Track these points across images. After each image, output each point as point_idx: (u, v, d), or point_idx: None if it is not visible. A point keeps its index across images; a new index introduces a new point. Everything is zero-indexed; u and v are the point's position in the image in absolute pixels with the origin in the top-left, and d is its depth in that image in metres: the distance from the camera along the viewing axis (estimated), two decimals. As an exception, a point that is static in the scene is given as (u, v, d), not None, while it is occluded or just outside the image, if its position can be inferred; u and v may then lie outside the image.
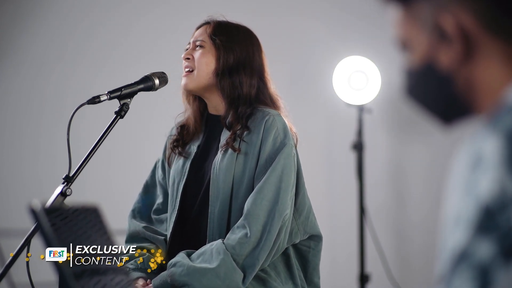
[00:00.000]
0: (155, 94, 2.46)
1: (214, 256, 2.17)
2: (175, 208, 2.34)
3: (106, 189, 4.18)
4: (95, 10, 4.35)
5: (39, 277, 2.02)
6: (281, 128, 2.26)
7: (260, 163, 2.24)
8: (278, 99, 2.38)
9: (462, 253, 0.90)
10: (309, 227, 2.33)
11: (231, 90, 2.30)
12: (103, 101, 2.14)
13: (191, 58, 2.34)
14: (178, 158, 2.39)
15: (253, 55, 2.34)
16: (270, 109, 2.30)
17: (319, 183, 4.14)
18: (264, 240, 2.19)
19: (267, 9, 4.21)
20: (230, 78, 2.30)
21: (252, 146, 2.25)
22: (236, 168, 2.25)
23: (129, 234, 2.41)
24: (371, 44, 4.07)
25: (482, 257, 0.89)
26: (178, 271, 2.17)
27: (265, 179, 2.21)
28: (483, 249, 0.89)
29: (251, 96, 2.30)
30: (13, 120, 4.36)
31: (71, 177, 2.07)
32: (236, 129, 2.27)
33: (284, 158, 2.23)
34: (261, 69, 2.35)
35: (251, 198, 2.21)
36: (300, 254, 2.35)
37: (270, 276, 2.26)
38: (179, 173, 2.36)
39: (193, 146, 2.38)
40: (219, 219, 2.25)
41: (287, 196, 2.22)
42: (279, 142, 2.24)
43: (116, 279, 1.27)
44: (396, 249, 4.10)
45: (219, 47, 2.32)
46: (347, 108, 3.98)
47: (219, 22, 2.38)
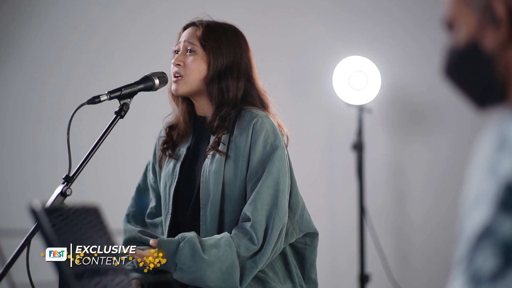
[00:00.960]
0: (155, 94, 2.46)
1: (222, 248, 2.17)
2: (168, 212, 2.34)
3: (106, 189, 4.18)
4: (95, 10, 4.35)
5: (39, 277, 2.02)
6: (271, 130, 2.26)
7: (252, 165, 2.23)
8: (266, 96, 2.36)
9: (485, 230, 0.90)
10: (304, 226, 2.33)
11: (218, 95, 2.29)
12: (103, 101, 2.14)
13: (182, 65, 2.32)
14: (169, 160, 2.39)
15: (241, 56, 2.33)
16: (258, 110, 2.29)
17: (319, 183, 4.14)
18: (265, 245, 2.19)
19: (267, 9, 4.21)
20: (219, 84, 2.30)
21: (241, 149, 2.25)
22: (226, 171, 2.25)
23: (126, 239, 2.40)
24: (371, 44, 4.07)
25: (505, 234, 0.89)
26: (188, 252, 2.17)
27: (262, 183, 2.21)
28: (507, 226, 0.89)
29: (237, 99, 2.30)
30: (13, 120, 4.36)
31: (71, 177, 2.07)
32: (220, 133, 2.27)
33: (278, 160, 2.23)
34: (248, 70, 2.34)
35: (251, 205, 2.21)
36: (297, 252, 2.36)
37: (268, 276, 2.27)
38: (170, 176, 2.36)
39: (183, 148, 2.38)
40: (211, 221, 2.25)
41: (284, 199, 2.22)
42: (270, 145, 2.24)
43: (117, 279, 1.27)
44: (396, 249, 4.10)
45: (210, 53, 2.31)
46: (347, 108, 3.98)
47: (208, 24, 2.35)
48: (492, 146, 0.93)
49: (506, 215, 0.89)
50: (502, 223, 0.89)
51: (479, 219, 0.91)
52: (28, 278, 2.05)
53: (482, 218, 0.91)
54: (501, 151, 0.92)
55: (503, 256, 0.89)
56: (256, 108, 2.30)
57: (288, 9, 4.21)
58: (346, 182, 4.09)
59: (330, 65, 3.97)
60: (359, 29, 4.14)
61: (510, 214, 0.89)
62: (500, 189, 0.90)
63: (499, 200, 0.90)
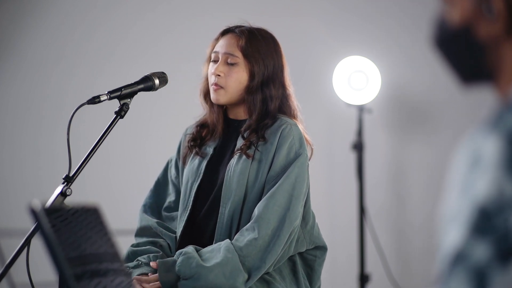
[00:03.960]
0: (155, 94, 2.46)
1: (222, 253, 2.18)
2: (187, 207, 2.34)
3: (106, 189, 4.18)
4: (95, 10, 4.35)
5: (39, 277, 2.02)
6: (297, 137, 2.27)
7: (273, 169, 2.24)
8: (298, 111, 2.38)
9: (458, 254, 0.89)
10: (315, 237, 2.35)
11: (260, 105, 2.30)
12: (103, 101, 2.14)
13: (223, 75, 2.30)
14: (194, 157, 2.39)
15: (278, 64, 2.33)
16: (288, 118, 2.30)
17: (319, 183, 4.14)
18: (272, 244, 2.20)
19: (267, 9, 4.21)
20: (262, 93, 2.30)
21: (266, 153, 2.26)
22: (250, 173, 2.26)
23: (140, 228, 2.41)
24: (371, 44, 4.07)
25: (478, 259, 0.88)
26: (187, 262, 2.17)
27: (278, 185, 2.22)
28: (480, 251, 0.88)
29: (277, 109, 2.31)
30: (13, 120, 4.36)
31: (71, 177, 2.07)
32: (251, 137, 2.28)
33: (299, 167, 2.24)
34: (283, 78, 2.35)
35: (263, 203, 2.22)
36: (306, 263, 2.37)
37: (275, 279, 2.27)
38: (194, 173, 2.36)
39: (209, 147, 2.38)
40: (228, 220, 2.25)
41: (298, 204, 2.23)
42: (294, 152, 2.25)
43: (117, 280, 1.27)
44: (396, 249, 4.10)
45: (253, 63, 2.29)
46: (347, 108, 3.98)
47: (249, 33, 2.32)
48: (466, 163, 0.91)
49: (479, 239, 0.88)
50: (474, 248, 0.88)
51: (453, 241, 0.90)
52: (28, 278, 2.05)
53: (456, 241, 0.90)
54: (475, 170, 0.90)
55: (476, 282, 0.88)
56: (287, 117, 2.31)
57: (288, 9, 4.21)
58: (346, 182, 4.09)
59: (330, 65, 3.97)
60: (359, 29, 4.14)
61: (482, 238, 0.88)
62: (473, 212, 0.89)
63: (471, 224, 0.89)
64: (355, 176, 3.95)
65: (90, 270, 1.24)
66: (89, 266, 1.25)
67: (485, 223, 0.88)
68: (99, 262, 1.27)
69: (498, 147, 0.89)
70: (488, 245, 0.88)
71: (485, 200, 0.88)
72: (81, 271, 1.22)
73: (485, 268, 0.88)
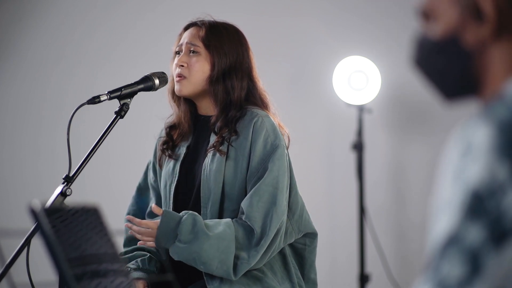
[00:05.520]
0: (155, 94, 2.46)
1: (222, 227, 2.18)
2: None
3: (106, 189, 4.18)
4: (95, 10, 4.35)
5: (39, 277, 2.02)
6: (271, 129, 2.26)
7: (252, 165, 2.24)
8: (266, 96, 2.37)
9: (451, 237, 0.90)
10: (303, 226, 2.33)
11: (223, 96, 2.30)
12: (103, 101, 2.14)
13: (186, 66, 2.32)
14: (169, 160, 2.39)
15: (243, 56, 2.34)
16: (258, 110, 2.29)
17: (319, 183, 4.14)
18: (262, 242, 2.19)
19: (267, 9, 4.21)
20: (223, 84, 2.30)
21: (241, 149, 2.26)
22: (227, 170, 2.25)
23: (127, 238, 2.41)
24: (371, 44, 4.07)
25: (472, 241, 0.89)
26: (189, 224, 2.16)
27: (261, 181, 2.21)
28: (473, 234, 0.89)
29: (241, 99, 2.30)
30: (13, 120, 4.36)
31: (71, 177, 2.07)
32: (223, 132, 2.27)
33: (278, 159, 2.23)
34: (250, 69, 2.35)
35: (247, 200, 2.21)
36: (296, 252, 2.36)
37: (266, 275, 2.26)
38: (170, 175, 2.36)
39: (182, 147, 2.38)
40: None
41: (283, 198, 2.22)
42: (270, 144, 2.24)
43: (117, 281, 1.27)
44: (396, 249, 4.10)
45: (214, 53, 2.31)
46: (347, 108, 3.98)
47: (210, 24, 2.35)
48: (458, 152, 0.92)
49: (472, 222, 0.89)
50: (468, 230, 0.89)
51: (446, 226, 0.91)
52: (28, 278, 2.05)
53: (448, 225, 0.90)
54: (466, 157, 0.91)
55: (469, 263, 0.89)
56: (257, 108, 2.30)
57: (288, 9, 4.21)
58: (346, 182, 4.09)
59: (330, 65, 3.97)
60: (359, 29, 4.13)
61: (476, 221, 0.89)
62: (466, 196, 0.90)
63: (465, 207, 0.90)
64: (355, 176, 3.95)
65: (90, 270, 1.24)
66: (89, 266, 1.25)
67: (478, 207, 0.89)
68: (99, 262, 1.27)
69: (489, 134, 0.91)
70: (482, 227, 0.88)
71: (477, 184, 0.89)
72: (81, 271, 1.22)
73: (479, 250, 0.88)
